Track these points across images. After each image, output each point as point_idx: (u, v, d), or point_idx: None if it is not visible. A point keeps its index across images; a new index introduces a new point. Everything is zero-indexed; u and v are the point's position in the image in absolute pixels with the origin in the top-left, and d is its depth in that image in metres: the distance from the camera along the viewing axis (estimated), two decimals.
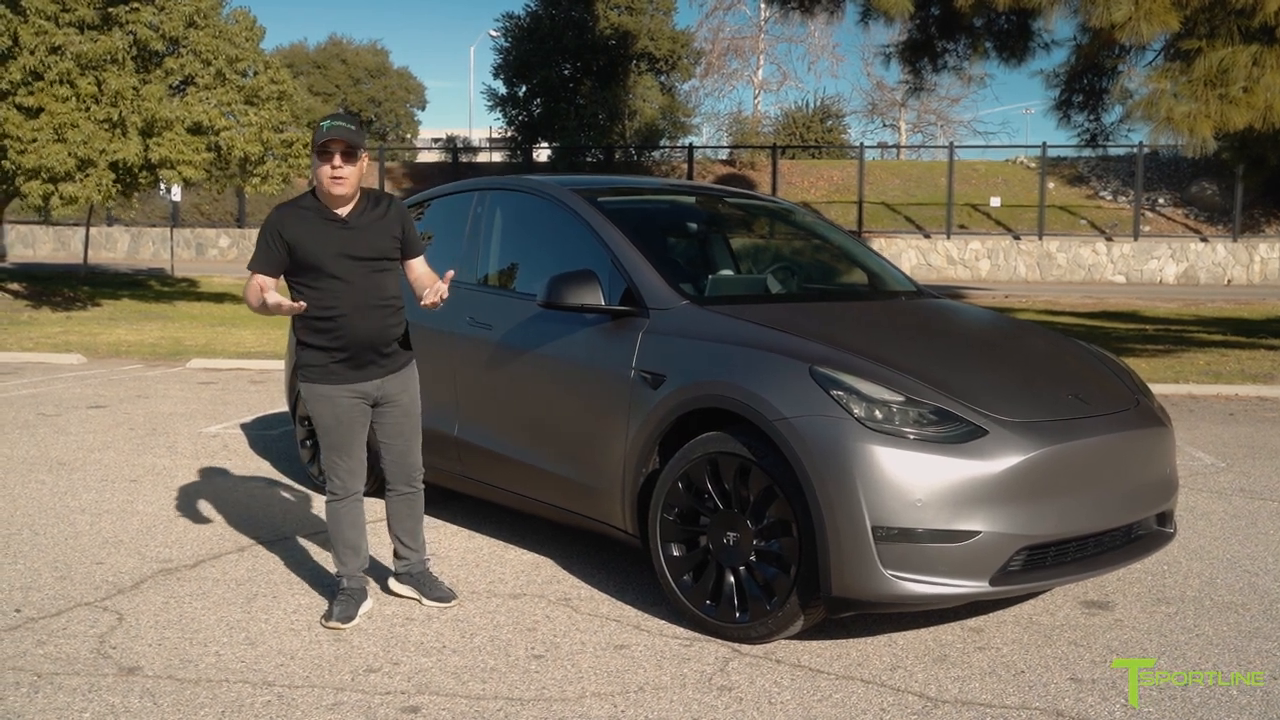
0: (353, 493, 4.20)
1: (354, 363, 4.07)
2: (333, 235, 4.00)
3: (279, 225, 3.99)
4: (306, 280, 4.01)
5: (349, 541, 4.22)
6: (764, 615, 3.89)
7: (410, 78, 52.78)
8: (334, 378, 4.07)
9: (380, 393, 4.16)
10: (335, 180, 3.96)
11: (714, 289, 4.94)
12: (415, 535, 4.41)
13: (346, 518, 4.21)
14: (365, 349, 4.07)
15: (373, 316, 4.05)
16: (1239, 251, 28.21)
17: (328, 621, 4.10)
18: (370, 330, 4.05)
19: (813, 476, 3.70)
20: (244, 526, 5.44)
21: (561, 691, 3.57)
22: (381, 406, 4.20)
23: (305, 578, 4.68)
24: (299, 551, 5.05)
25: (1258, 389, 10.40)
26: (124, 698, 3.46)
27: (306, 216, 4.01)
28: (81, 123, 15.40)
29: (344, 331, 4.01)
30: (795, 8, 16.44)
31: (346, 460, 4.15)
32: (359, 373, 4.09)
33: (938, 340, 4.70)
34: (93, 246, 27.49)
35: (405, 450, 4.30)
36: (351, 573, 4.23)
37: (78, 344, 12.71)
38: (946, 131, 44.17)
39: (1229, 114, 10.47)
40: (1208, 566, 4.98)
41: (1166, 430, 4.39)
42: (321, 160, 3.95)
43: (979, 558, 3.67)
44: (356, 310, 4.01)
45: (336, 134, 3.92)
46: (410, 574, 4.41)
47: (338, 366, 4.06)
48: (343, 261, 3.99)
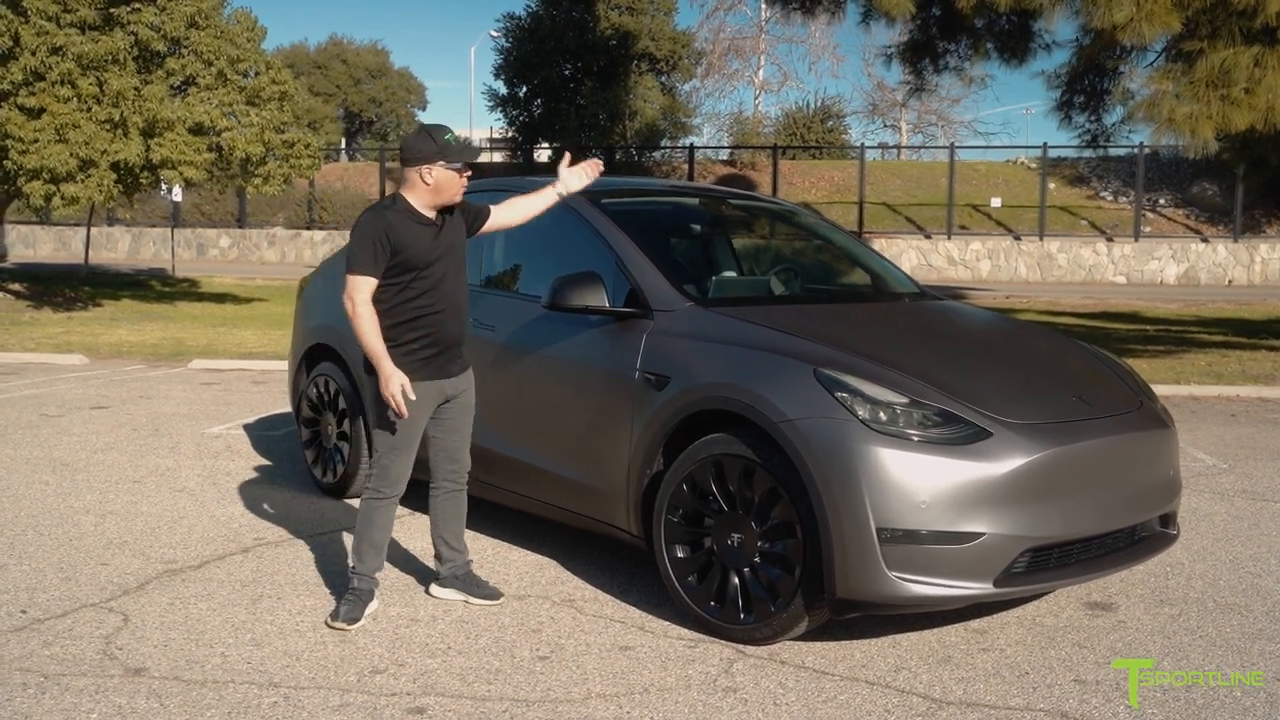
0: (396, 494, 4.23)
1: (440, 359, 4.17)
2: (429, 238, 4.12)
3: (386, 228, 4.04)
4: (404, 281, 4.07)
5: (374, 541, 4.23)
6: (768, 617, 3.89)
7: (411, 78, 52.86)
8: (418, 374, 4.10)
9: (453, 390, 4.25)
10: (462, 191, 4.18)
11: (718, 291, 4.95)
12: (460, 536, 4.45)
13: (381, 518, 4.22)
14: (452, 345, 4.20)
15: (459, 316, 4.21)
16: (1240, 252, 28.22)
17: (334, 622, 4.11)
18: (459, 328, 4.22)
19: (817, 478, 3.71)
20: (248, 528, 5.45)
21: (567, 693, 3.58)
22: (449, 404, 4.27)
23: (310, 579, 4.69)
24: (304, 553, 5.06)
25: (1259, 390, 10.40)
26: (131, 699, 3.47)
27: (405, 220, 4.09)
28: (83, 123, 15.40)
29: (438, 329, 4.13)
30: (797, 8, 16.45)
31: (404, 459, 4.18)
32: (439, 370, 4.18)
33: (941, 342, 4.71)
34: (93, 246, 27.51)
35: (459, 446, 4.36)
36: (367, 572, 4.23)
37: (79, 344, 12.72)
38: (947, 132, 44.19)
39: (1230, 115, 10.48)
40: (1210, 568, 4.99)
41: (1170, 432, 4.39)
42: (461, 174, 4.13)
43: (983, 559, 3.68)
44: (448, 309, 4.15)
45: (474, 156, 4.21)
46: (455, 576, 4.44)
47: (422, 364, 4.12)
48: (440, 263, 4.13)
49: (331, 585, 4.60)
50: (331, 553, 5.06)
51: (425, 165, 4.06)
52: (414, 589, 4.55)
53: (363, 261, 4.01)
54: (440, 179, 4.09)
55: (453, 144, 4.09)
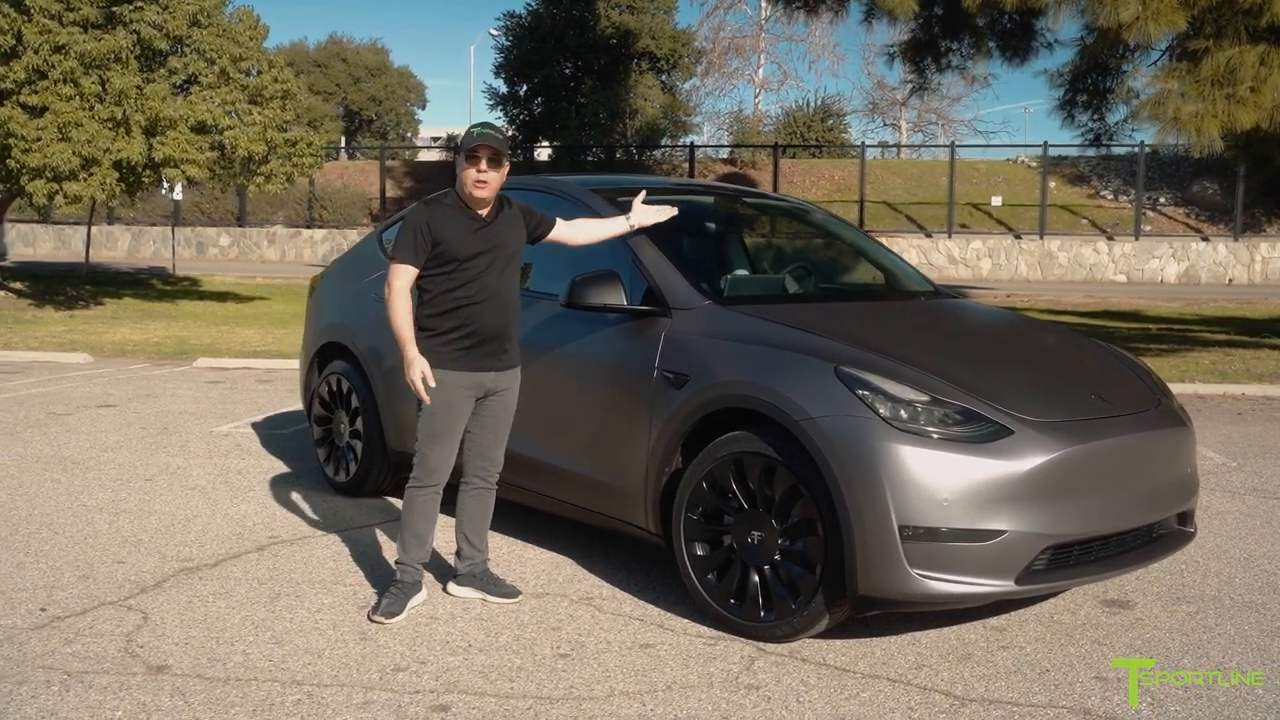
0: (437, 483, 4.26)
1: (477, 352, 4.19)
2: (474, 232, 4.18)
3: (429, 219, 4.16)
4: (446, 271, 4.15)
5: (417, 530, 4.27)
6: (789, 614, 3.90)
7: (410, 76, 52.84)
8: (455, 364, 4.16)
9: (492, 385, 4.27)
10: (479, 184, 4.13)
11: (735, 289, 4.95)
12: (483, 534, 4.47)
13: (422, 507, 4.26)
14: (490, 339, 4.20)
15: (502, 310, 4.22)
16: (1240, 251, 28.25)
17: (374, 615, 4.13)
18: (498, 322, 4.22)
19: (839, 476, 3.71)
20: (262, 526, 5.45)
21: (590, 690, 3.58)
22: (487, 399, 4.29)
23: (327, 577, 4.69)
24: (319, 551, 5.06)
25: (1264, 388, 10.41)
26: (155, 696, 3.47)
27: (451, 213, 4.19)
28: (85, 122, 15.38)
29: (475, 319, 4.16)
30: (800, 7, 16.47)
31: (443, 448, 4.22)
32: (479, 363, 4.20)
33: (960, 340, 4.72)
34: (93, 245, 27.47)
35: (493, 444, 4.38)
36: (411, 562, 4.27)
37: (83, 343, 12.71)
38: (947, 131, 44.21)
39: (1236, 114, 10.50)
40: (1225, 565, 4.99)
41: (1187, 430, 4.40)
42: (468, 164, 4.12)
43: (1005, 557, 3.69)
44: (489, 301, 4.18)
45: (486, 140, 4.11)
46: (473, 574, 4.46)
47: (461, 354, 4.17)
48: (483, 256, 4.17)
49: (349, 583, 4.60)
50: (347, 551, 5.06)
51: (457, 157, 4.19)
52: (432, 587, 4.55)
53: (402, 250, 4.14)
54: (459, 170, 4.17)
55: (473, 134, 4.14)
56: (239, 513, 5.68)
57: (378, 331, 5.73)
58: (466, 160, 4.13)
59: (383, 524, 5.50)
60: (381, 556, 4.98)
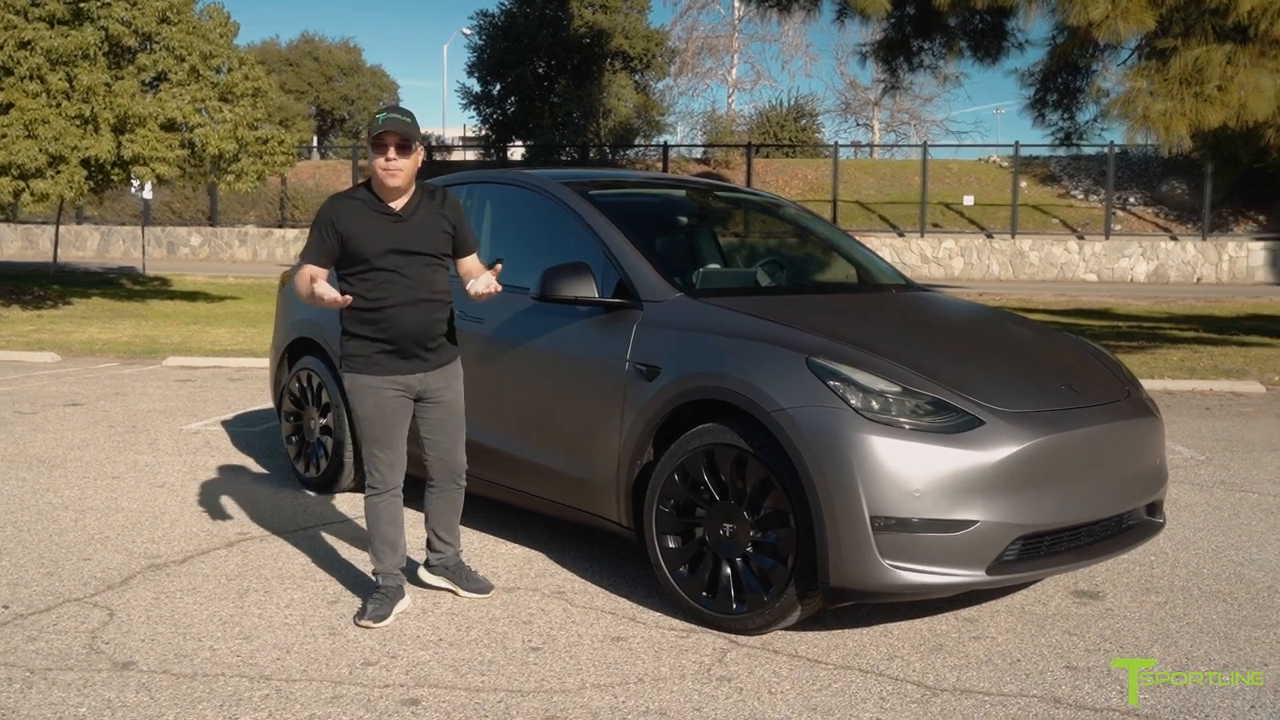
0: (392, 487, 4.14)
1: (398, 355, 4.04)
2: (385, 228, 3.98)
3: (333, 216, 3.99)
4: (357, 272, 3.99)
5: (386, 538, 4.16)
6: (761, 606, 3.89)
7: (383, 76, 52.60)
8: (377, 369, 4.04)
9: (423, 387, 4.11)
10: (389, 172, 3.94)
11: (707, 281, 4.94)
12: (453, 530, 4.39)
13: (385, 513, 4.15)
14: (410, 342, 4.04)
15: (420, 310, 4.02)
16: (1208, 250, 28.53)
17: (360, 620, 4.03)
18: (416, 324, 4.02)
19: (811, 467, 3.71)
20: (231, 522, 5.40)
21: (561, 683, 3.56)
22: (424, 402, 4.15)
23: (297, 573, 4.64)
24: (289, 547, 5.01)
25: (1231, 384, 10.52)
26: (120, 692, 3.42)
27: (360, 209, 4.00)
28: (53, 119, 15.23)
29: (390, 324, 3.99)
30: (772, 6, 16.48)
31: (386, 453, 4.10)
32: (403, 364, 4.05)
33: (931, 332, 4.72)
34: (62, 245, 27.19)
35: (449, 447, 4.24)
36: (388, 570, 4.17)
37: (50, 342, 12.56)
38: (920, 131, 44.41)
39: (1204, 112, 10.58)
40: (1194, 556, 5.03)
41: (1157, 421, 4.43)
42: (376, 152, 3.93)
43: (976, 547, 3.69)
44: (404, 303, 3.99)
45: (391, 125, 3.92)
46: (444, 565, 4.39)
47: (381, 358, 4.03)
48: (393, 255, 3.97)
49: (319, 579, 4.56)
50: (317, 547, 5.02)
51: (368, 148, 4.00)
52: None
53: (307, 250, 4.02)
54: (370, 160, 4.00)
55: (378, 120, 3.94)
56: (208, 509, 5.62)
57: None
58: (374, 149, 3.93)
59: (354, 519, 5.46)
60: (352, 552, 4.94)
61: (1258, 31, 10.36)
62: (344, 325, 4.07)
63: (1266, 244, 28.65)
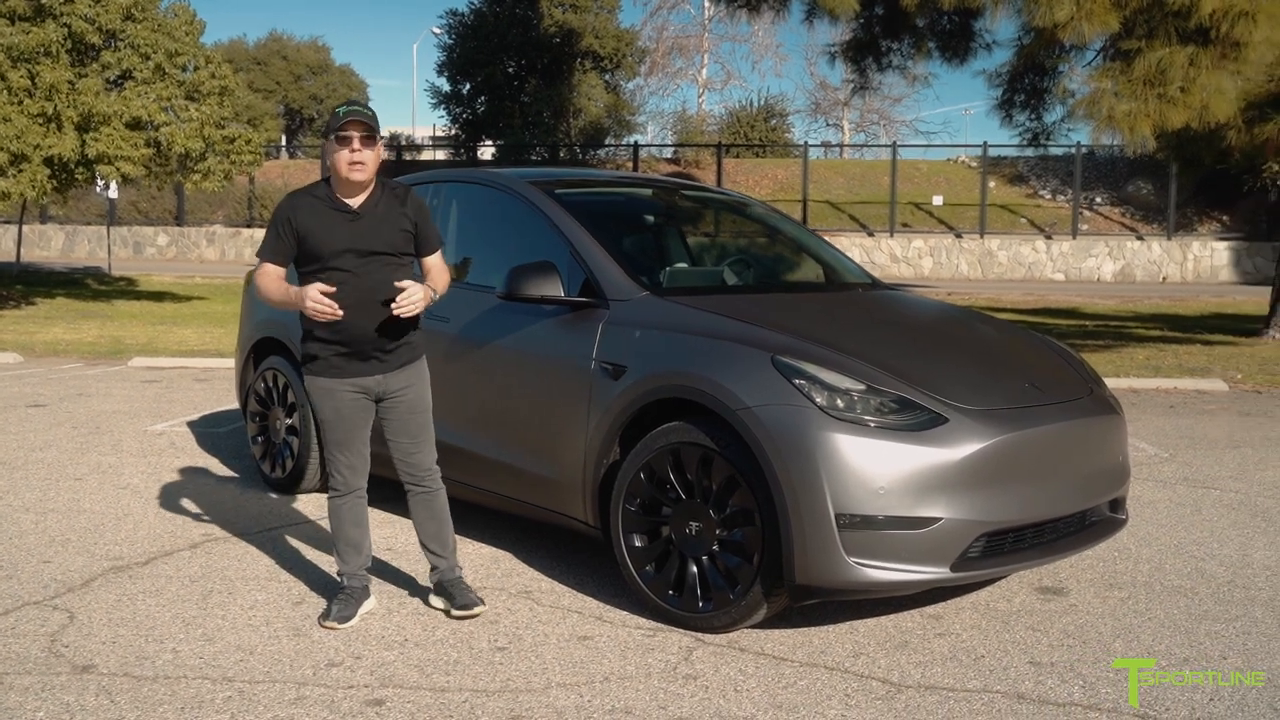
0: (354, 489, 4.08)
1: (355, 356, 3.95)
2: (341, 227, 3.88)
3: (290, 213, 3.90)
4: (313, 271, 3.90)
5: (350, 539, 4.10)
6: (727, 604, 3.89)
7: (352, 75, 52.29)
8: (335, 371, 3.96)
9: (382, 388, 4.02)
10: (354, 166, 3.84)
11: (673, 280, 4.94)
12: (441, 539, 4.21)
13: (349, 515, 4.09)
14: (366, 344, 3.94)
15: (376, 312, 3.89)
16: (1173, 249, 28.82)
17: (324, 621, 3.99)
18: (372, 326, 3.92)
19: (776, 465, 3.71)
20: (195, 524, 5.35)
21: (527, 683, 3.55)
22: (385, 402, 4.05)
23: (261, 574, 4.61)
24: (253, 548, 4.97)
25: (1195, 382, 10.63)
26: (79, 696, 3.38)
27: (317, 206, 3.91)
28: (14, 116, 15.02)
29: (345, 325, 3.87)
30: (742, 6, 16.50)
31: (347, 455, 4.04)
32: (360, 366, 3.96)
33: (896, 330, 4.75)
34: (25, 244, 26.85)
35: (411, 449, 4.12)
36: (353, 571, 4.11)
37: (13, 343, 12.40)
38: (889, 131, 44.65)
39: (1168, 113, 10.69)
40: (1156, 552, 5.08)
41: (1119, 418, 4.47)
42: (340, 145, 3.83)
43: (940, 544, 3.71)
44: (359, 304, 3.87)
45: (355, 116, 3.83)
46: (442, 583, 4.21)
47: (339, 360, 3.95)
48: (349, 255, 3.87)
49: (283, 580, 4.53)
50: (282, 548, 4.98)
51: (326, 141, 3.91)
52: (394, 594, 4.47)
53: (264, 247, 3.94)
54: (329, 154, 3.90)
55: (338, 114, 3.86)
56: (172, 511, 5.57)
57: None
58: (337, 142, 3.82)
59: (319, 520, 5.42)
60: (318, 553, 4.91)
61: (1219, 34, 10.47)
62: (303, 325, 3.99)
63: (1230, 244, 28.99)
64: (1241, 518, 5.70)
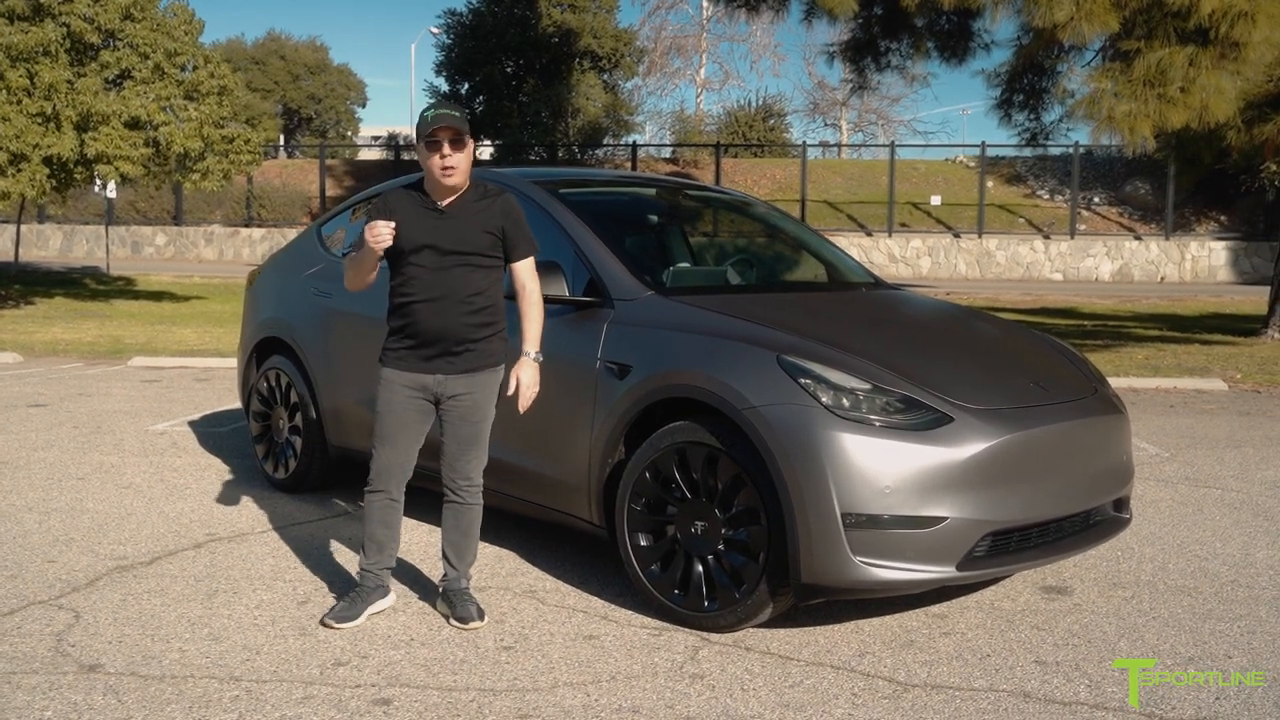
0: (384, 489, 4.03)
1: (421, 354, 3.96)
2: (426, 223, 3.90)
3: (390, 203, 3.94)
4: (396, 264, 3.93)
5: (375, 537, 4.08)
6: (733, 604, 3.90)
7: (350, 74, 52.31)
8: (399, 363, 3.98)
9: (441, 389, 3.98)
10: (446, 171, 3.85)
11: (678, 280, 4.95)
12: (459, 552, 4.15)
13: (378, 514, 4.06)
14: (434, 342, 3.94)
15: (447, 312, 3.90)
16: (1171, 250, 28.86)
17: (325, 619, 3.99)
18: (441, 325, 3.91)
19: (781, 465, 3.72)
20: (199, 523, 5.35)
21: (534, 682, 3.55)
22: (443, 405, 4.03)
23: (266, 574, 4.61)
24: (257, 547, 4.98)
25: (1194, 382, 10.65)
26: (87, 695, 3.38)
27: (412, 200, 3.95)
28: (13, 116, 15.01)
29: (416, 321, 3.91)
30: (740, 6, 16.53)
31: (389, 451, 4.00)
32: (424, 364, 3.96)
33: (901, 330, 4.75)
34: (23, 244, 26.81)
35: (456, 454, 4.07)
36: (371, 568, 4.09)
37: (12, 343, 12.40)
38: (887, 131, 44.68)
39: (1167, 113, 10.71)
40: (1159, 552, 5.09)
41: (1123, 417, 4.47)
42: (430, 151, 3.83)
43: (946, 543, 3.72)
44: (430, 302, 3.89)
45: (444, 121, 3.82)
46: (447, 592, 4.17)
47: (406, 353, 3.97)
48: (427, 252, 3.88)
49: (288, 579, 4.53)
50: (286, 547, 4.98)
51: (418, 147, 3.93)
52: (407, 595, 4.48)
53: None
54: (420, 158, 3.93)
55: (426, 118, 3.87)
56: (175, 510, 5.57)
57: (317, 325, 5.67)
58: (428, 147, 3.84)
59: (322, 520, 5.43)
60: (321, 553, 4.92)
61: (1218, 34, 10.49)
62: (387, 318, 4.05)
63: (1228, 244, 29.04)
64: (1244, 517, 5.71)
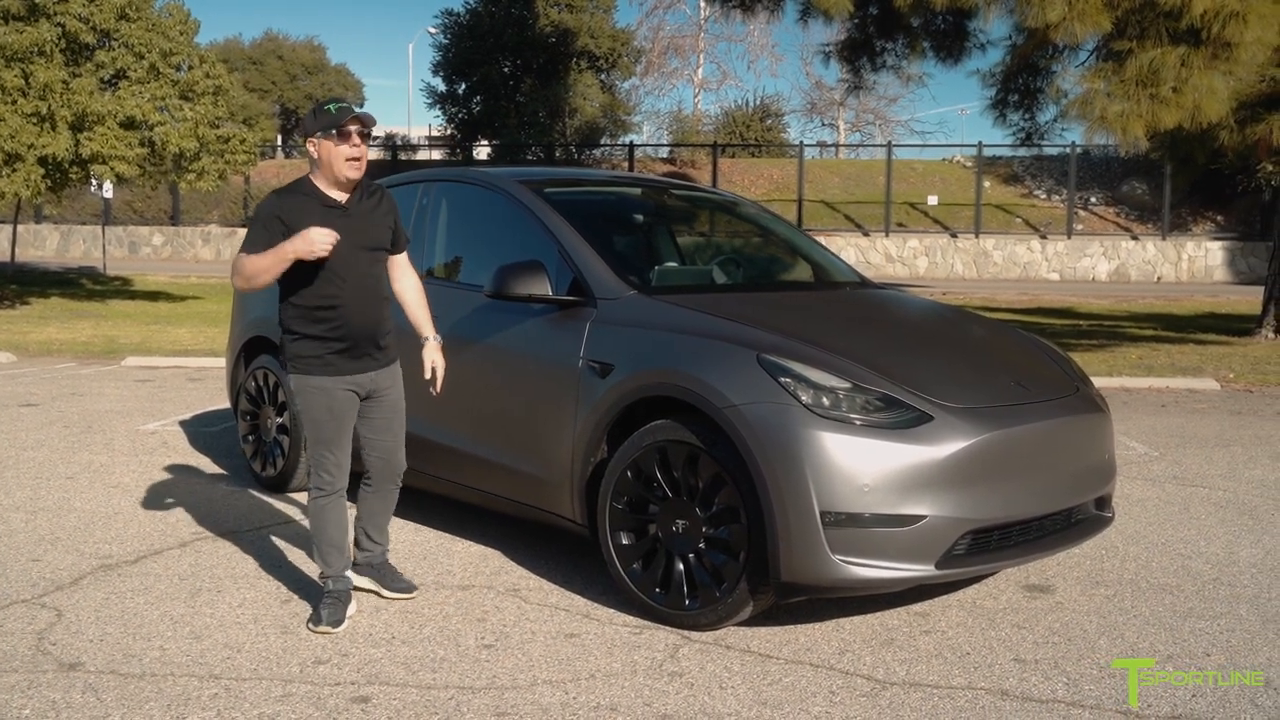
0: (339, 489, 4.05)
1: (351, 354, 3.96)
2: (335, 223, 3.86)
3: (279, 210, 3.85)
4: (307, 267, 3.85)
5: (334, 541, 4.06)
6: (713, 602, 3.91)
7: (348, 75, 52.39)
8: (330, 369, 3.94)
9: (372, 385, 4.03)
10: (353, 163, 3.86)
11: (662, 279, 4.95)
12: (383, 530, 4.31)
13: (332, 516, 4.05)
14: (363, 340, 3.96)
15: (369, 309, 3.96)
16: (1168, 249, 28.89)
17: (316, 627, 3.95)
18: (369, 321, 3.96)
19: (761, 463, 3.72)
20: (185, 522, 5.36)
21: (513, 680, 3.56)
22: (370, 400, 4.06)
23: (250, 573, 4.62)
24: (243, 546, 4.98)
25: (1187, 382, 10.66)
26: (65, 693, 3.39)
27: (307, 203, 3.89)
28: (8, 116, 15.03)
29: (343, 322, 3.90)
30: (736, 6, 16.55)
31: (336, 454, 4.01)
32: (354, 364, 3.98)
33: (883, 329, 4.76)
34: (20, 244, 26.85)
35: (393, 447, 4.15)
36: (337, 573, 4.07)
37: (6, 343, 12.41)
38: (884, 131, 44.70)
39: (1160, 113, 10.72)
40: (1143, 550, 5.09)
41: (1105, 416, 4.48)
42: (340, 141, 3.82)
43: (925, 542, 3.72)
44: (356, 300, 3.91)
45: (356, 113, 3.83)
46: (370, 565, 4.32)
47: (334, 358, 3.94)
48: (344, 251, 3.86)
49: (272, 578, 4.54)
50: (271, 547, 4.99)
51: (312, 139, 3.88)
52: None
53: (251, 243, 3.84)
54: (323, 152, 3.87)
55: (331, 111, 3.85)
56: (162, 509, 5.58)
57: None
58: (338, 138, 3.81)
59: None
60: (306, 551, 4.92)
61: (1210, 34, 10.50)
62: (289, 325, 3.97)
63: (1224, 244, 29.07)
64: (1229, 516, 5.72)
